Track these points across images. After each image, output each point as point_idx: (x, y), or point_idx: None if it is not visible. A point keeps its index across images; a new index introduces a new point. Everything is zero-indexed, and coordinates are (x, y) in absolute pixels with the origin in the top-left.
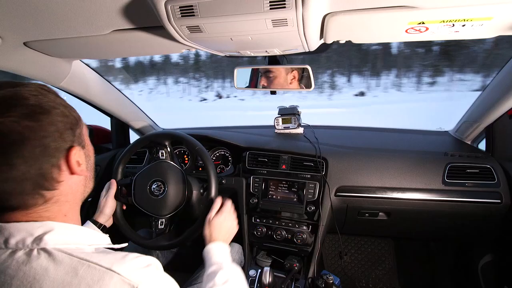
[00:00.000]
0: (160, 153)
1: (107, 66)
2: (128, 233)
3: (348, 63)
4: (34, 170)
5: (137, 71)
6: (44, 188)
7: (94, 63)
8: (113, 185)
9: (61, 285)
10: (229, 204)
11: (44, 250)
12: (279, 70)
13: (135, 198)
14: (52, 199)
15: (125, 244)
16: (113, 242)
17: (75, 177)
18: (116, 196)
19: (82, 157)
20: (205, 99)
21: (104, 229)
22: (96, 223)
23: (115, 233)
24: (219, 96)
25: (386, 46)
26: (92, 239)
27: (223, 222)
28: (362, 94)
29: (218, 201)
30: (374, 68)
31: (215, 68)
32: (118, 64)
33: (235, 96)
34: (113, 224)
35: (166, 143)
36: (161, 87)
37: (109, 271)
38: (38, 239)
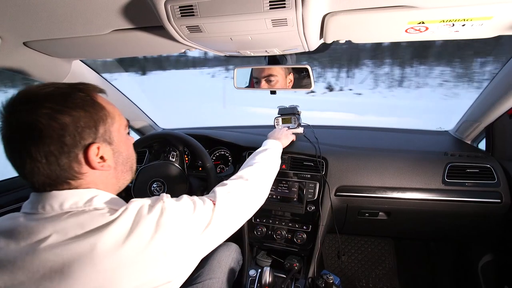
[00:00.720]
0: (171, 154)
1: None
2: None
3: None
4: (54, 164)
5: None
6: (66, 178)
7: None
8: None
9: (113, 217)
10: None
11: (95, 208)
12: (280, 74)
13: (134, 191)
14: (81, 185)
15: None
16: None
17: (100, 171)
18: None
19: (108, 153)
20: (312, 92)
21: None
22: None
23: None
24: (330, 88)
25: None
26: None
27: (279, 132)
28: None
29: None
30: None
31: (331, 55)
32: None
33: (350, 90)
34: None
35: (180, 148)
36: None
37: (141, 200)
38: (89, 201)
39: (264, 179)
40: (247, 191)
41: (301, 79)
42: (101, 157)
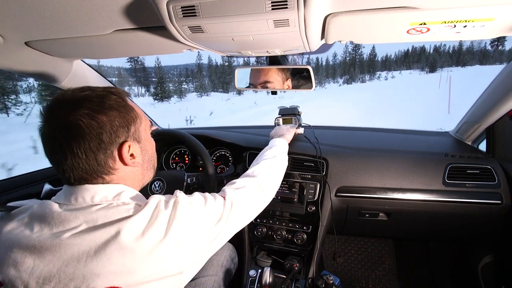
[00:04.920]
0: (172, 154)
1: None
2: None
3: None
4: (92, 159)
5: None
6: (102, 173)
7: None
8: None
9: (136, 210)
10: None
11: (123, 203)
12: (277, 80)
13: None
14: (112, 181)
15: None
16: None
17: (130, 167)
18: None
19: (137, 151)
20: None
21: None
22: None
23: None
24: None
25: None
26: None
27: (280, 129)
28: None
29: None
30: None
31: None
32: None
33: None
34: None
35: (182, 148)
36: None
37: (161, 198)
38: (117, 195)
39: (271, 173)
40: (254, 186)
41: (302, 80)
42: (131, 155)
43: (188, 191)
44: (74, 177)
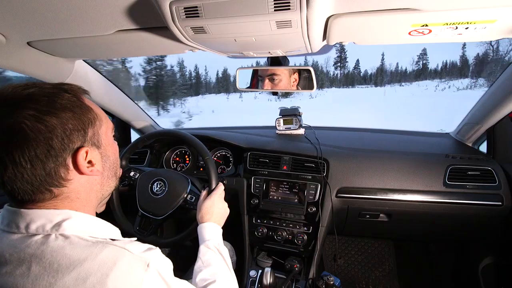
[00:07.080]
0: (173, 154)
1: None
2: (125, 224)
3: None
4: (39, 169)
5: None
6: (51, 185)
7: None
8: None
9: (77, 261)
10: (220, 188)
11: (62, 235)
12: (284, 73)
13: (138, 196)
14: (61, 195)
15: (134, 238)
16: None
17: (86, 176)
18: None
19: (97, 157)
20: None
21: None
22: None
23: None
24: None
25: None
26: (106, 231)
27: (212, 206)
28: None
29: (220, 187)
30: None
31: None
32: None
33: None
34: (110, 216)
35: (181, 148)
36: None
37: (122, 249)
38: (57, 225)
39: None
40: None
41: (303, 81)
42: (89, 162)
43: (192, 191)
44: (17, 190)
